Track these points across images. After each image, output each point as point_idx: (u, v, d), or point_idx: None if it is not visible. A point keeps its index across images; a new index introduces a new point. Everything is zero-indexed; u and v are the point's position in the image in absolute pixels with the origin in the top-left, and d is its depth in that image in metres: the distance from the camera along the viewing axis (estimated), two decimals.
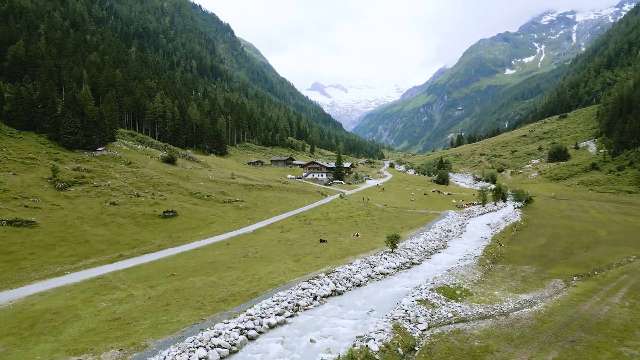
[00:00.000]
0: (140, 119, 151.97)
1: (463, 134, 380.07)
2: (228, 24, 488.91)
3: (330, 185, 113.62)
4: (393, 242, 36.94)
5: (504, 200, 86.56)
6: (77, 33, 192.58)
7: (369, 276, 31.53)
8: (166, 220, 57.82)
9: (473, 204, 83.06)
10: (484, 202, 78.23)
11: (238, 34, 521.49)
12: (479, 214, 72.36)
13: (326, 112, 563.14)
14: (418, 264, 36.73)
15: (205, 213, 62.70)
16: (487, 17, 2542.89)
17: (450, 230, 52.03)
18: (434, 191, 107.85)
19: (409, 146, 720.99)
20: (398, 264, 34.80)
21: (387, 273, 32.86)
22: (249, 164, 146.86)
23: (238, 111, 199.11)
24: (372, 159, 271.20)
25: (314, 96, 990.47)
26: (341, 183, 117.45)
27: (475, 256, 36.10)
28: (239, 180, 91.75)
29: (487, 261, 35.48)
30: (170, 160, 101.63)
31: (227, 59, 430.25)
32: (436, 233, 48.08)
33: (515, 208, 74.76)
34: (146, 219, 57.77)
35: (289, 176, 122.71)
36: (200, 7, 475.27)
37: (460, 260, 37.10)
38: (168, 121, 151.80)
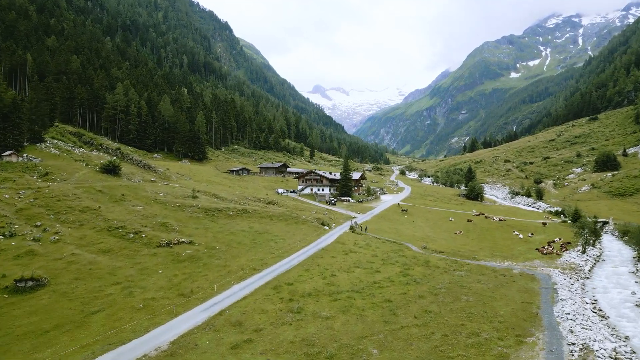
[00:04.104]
0: (98, 115, 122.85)
1: (477, 138, 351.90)
2: (227, 22, 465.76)
3: (334, 204, 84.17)
4: None
5: (597, 236, 57.42)
6: (40, 16, 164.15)
7: None
8: (10, 303, 28.52)
9: (554, 242, 53.98)
10: (584, 247, 48.63)
11: (238, 33, 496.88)
12: (589, 270, 43.20)
13: (327, 114, 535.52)
14: None
15: (105, 278, 33.32)
16: (491, 20, 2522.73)
17: (605, 350, 22.80)
18: (478, 214, 78.55)
19: (412, 150, 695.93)
20: None
21: None
22: (231, 172, 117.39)
23: (225, 108, 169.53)
24: (378, 165, 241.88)
25: (315, 99, 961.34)
26: (349, 200, 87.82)
27: None
28: (201, 201, 62.43)
29: None
30: (110, 170, 72.36)
31: (224, 57, 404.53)
32: None
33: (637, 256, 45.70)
34: None
35: (280, 190, 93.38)
36: (197, 4, 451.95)
37: None
38: (132, 118, 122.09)
